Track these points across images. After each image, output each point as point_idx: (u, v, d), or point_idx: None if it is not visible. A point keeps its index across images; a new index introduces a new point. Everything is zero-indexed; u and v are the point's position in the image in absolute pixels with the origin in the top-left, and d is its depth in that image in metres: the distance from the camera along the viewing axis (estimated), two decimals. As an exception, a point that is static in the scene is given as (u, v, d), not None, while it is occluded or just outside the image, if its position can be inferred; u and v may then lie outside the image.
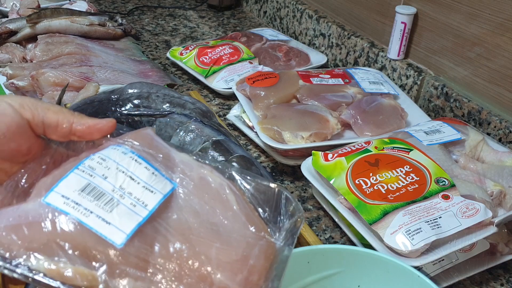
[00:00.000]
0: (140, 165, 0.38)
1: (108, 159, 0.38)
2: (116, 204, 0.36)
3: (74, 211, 0.35)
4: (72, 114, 0.40)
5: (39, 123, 0.39)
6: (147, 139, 0.41)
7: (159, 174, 0.39)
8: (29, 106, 0.39)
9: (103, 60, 1.03)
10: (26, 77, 0.90)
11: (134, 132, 0.42)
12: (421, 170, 0.65)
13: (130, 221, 0.35)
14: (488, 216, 0.59)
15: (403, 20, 0.94)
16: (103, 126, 0.41)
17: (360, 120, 0.83)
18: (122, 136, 0.41)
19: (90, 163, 0.38)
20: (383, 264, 0.52)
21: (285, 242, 0.40)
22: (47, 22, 1.08)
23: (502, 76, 0.81)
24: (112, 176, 0.37)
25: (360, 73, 0.97)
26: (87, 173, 0.37)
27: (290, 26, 1.29)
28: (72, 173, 0.37)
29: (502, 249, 0.63)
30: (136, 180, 0.38)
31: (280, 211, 0.42)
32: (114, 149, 0.39)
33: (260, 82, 0.91)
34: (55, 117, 0.39)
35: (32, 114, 0.38)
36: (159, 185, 0.38)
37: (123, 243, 0.35)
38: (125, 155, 0.39)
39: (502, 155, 0.72)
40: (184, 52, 1.11)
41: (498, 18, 0.80)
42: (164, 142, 0.42)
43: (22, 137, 0.38)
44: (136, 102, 0.70)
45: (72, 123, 0.40)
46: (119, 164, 0.38)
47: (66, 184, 0.36)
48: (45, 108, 0.39)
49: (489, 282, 0.64)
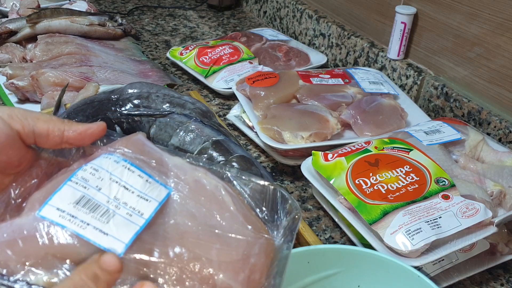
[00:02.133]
0: (133, 174, 0.38)
1: (101, 169, 0.38)
2: (112, 215, 0.36)
3: (70, 224, 0.35)
4: (62, 122, 0.40)
5: (30, 133, 0.38)
6: (138, 145, 0.41)
7: (153, 181, 0.38)
8: (19, 116, 0.38)
9: (103, 60, 1.03)
10: (26, 77, 0.90)
11: (125, 138, 0.41)
12: (421, 170, 0.65)
13: (128, 230, 0.35)
14: (488, 216, 0.59)
15: (403, 20, 0.94)
16: (94, 131, 0.40)
17: (360, 120, 0.83)
18: (113, 144, 0.41)
19: (83, 174, 0.37)
20: (383, 264, 0.52)
21: (284, 239, 0.40)
22: (47, 22, 1.08)
23: (502, 76, 0.81)
24: (106, 187, 0.37)
25: (360, 73, 0.97)
26: (80, 185, 0.37)
27: (290, 26, 1.29)
28: (65, 185, 0.36)
29: (502, 249, 0.63)
30: (130, 189, 0.37)
31: (277, 209, 0.42)
32: (106, 158, 0.39)
33: (260, 82, 0.91)
34: (45, 126, 0.39)
35: (22, 125, 0.38)
36: (154, 192, 0.38)
37: (123, 253, 0.34)
38: (118, 163, 0.38)
39: (502, 155, 0.72)
40: (184, 52, 1.11)
41: (498, 18, 0.80)
42: (156, 146, 0.42)
43: (12, 148, 0.38)
44: (136, 102, 0.70)
45: (63, 131, 0.39)
46: (112, 174, 0.38)
47: (60, 197, 0.36)
48: (34, 117, 0.38)
49: (489, 282, 0.64)
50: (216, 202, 0.39)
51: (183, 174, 0.40)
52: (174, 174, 0.40)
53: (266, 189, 0.42)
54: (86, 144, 0.41)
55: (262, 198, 0.42)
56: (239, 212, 0.39)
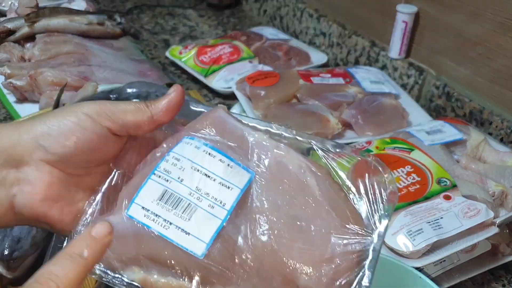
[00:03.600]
0: (214, 158, 0.37)
1: (182, 158, 0.37)
2: (194, 210, 0.35)
3: (154, 224, 0.35)
4: (147, 106, 0.39)
5: (120, 128, 0.38)
6: (219, 123, 0.39)
7: (235, 165, 0.37)
8: (107, 113, 0.38)
9: (101, 60, 1.02)
10: (25, 77, 0.90)
11: (206, 116, 0.40)
12: (422, 170, 0.65)
13: (210, 226, 0.35)
14: (490, 217, 0.59)
15: (404, 19, 0.93)
16: (176, 101, 0.40)
17: (361, 119, 0.83)
18: (194, 124, 0.40)
19: (165, 165, 0.37)
20: (384, 265, 0.51)
21: (377, 230, 0.36)
22: (46, 21, 1.07)
23: (504, 76, 0.81)
24: (188, 177, 0.36)
25: (361, 73, 0.96)
26: (163, 179, 0.37)
27: (290, 25, 1.29)
28: (149, 180, 0.37)
29: (504, 249, 0.63)
30: (212, 177, 0.37)
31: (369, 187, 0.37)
32: (187, 144, 0.38)
33: (260, 81, 0.90)
34: (134, 118, 0.38)
35: (111, 122, 0.38)
36: (236, 177, 0.37)
37: (204, 254, 0.34)
38: (198, 149, 0.38)
39: (504, 155, 0.72)
40: (184, 51, 1.10)
41: (500, 17, 0.79)
42: (237, 121, 0.40)
43: (106, 145, 0.38)
44: (135, 102, 0.69)
45: (152, 117, 0.39)
46: (193, 162, 0.37)
47: (145, 193, 0.36)
48: (122, 111, 0.38)
49: (490, 283, 0.64)
50: (299, 187, 0.37)
51: (265, 154, 0.38)
52: (256, 155, 0.38)
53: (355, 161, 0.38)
54: (173, 117, 0.40)
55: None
56: (325, 198, 0.36)
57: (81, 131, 0.37)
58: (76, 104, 0.39)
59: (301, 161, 0.38)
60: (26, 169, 0.37)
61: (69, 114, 0.37)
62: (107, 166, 0.40)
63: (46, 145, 0.36)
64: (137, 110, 0.39)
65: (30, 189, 0.37)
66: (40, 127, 0.37)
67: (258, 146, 0.38)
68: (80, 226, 0.38)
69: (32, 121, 0.37)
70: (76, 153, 0.37)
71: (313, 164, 0.38)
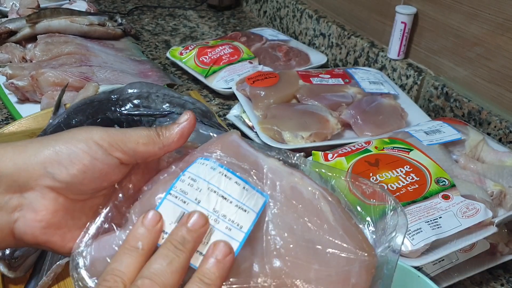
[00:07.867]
0: (230, 180, 0.37)
1: (198, 178, 0.37)
2: (212, 232, 0.35)
3: None
4: (158, 135, 0.39)
5: (131, 159, 0.38)
6: (233, 147, 0.39)
7: (250, 188, 0.37)
8: (118, 143, 0.37)
9: (102, 60, 1.02)
10: (26, 77, 0.90)
11: (220, 139, 0.40)
12: (421, 170, 0.65)
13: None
14: (488, 216, 0.59)
15: (403, 20, 0.94)
16: (188, 129, 0.39)
17: (360, 120, 0.83)
18: (207, 146, 0.39)
19: (181, 186, 0.36)
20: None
21: (388, 250, 0.37)
22: (47, 22, 1.08)
23: (502, 76, 0.81)
24: (205, 198, 0.36)
25: (360, 73, 0.97)
26: (180, 200, 0.36)
27: (290, 26, 1.29)
28: (165, 200, 0.36)
29: (502, 249, 0.63)
30: (228, 199, 0.36)
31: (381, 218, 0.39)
32: (203, 165, 0.37)
33: (260, 82, 0.91)
34: (145, 149, 0.38)
35: (122, 153, 0.37)
36: (251, 201, 0.36)
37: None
38: (214, 170, 0.37)
39: (502, 155, 0.72)
40: (184, 52, 1.10)
41: (498, 18, 0.80)
42: (250, 147, 0.40)
43: (114, 172, 0.38)
44: (136, 102, 0.70)
45: (163, 147, 0.39)
46: (209, 183, 0.36)
47: (162, 213, 0.35)
48: (134, 142, 0.38)
49: (489, 282, 0.64)
50: (314, 213, 0.37)
51: (279, 180, 0.38)
52: (270, 180, 0.38)
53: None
54: (183, 144, 0.40)
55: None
56: (338, 224, 0.37)
57: (91, 161, 0.36)
58: (85, 129, 0.38)
59: (315, 188, 0.38)
60: (30, 194, 0.36)
61: (79, 142, 0.36)
62: (111, 187, 0.39)
63: (54, 173, 0.35)
64: (149, 141, 0.38)
65: (33, 216, 0.36)
66: (48, 152, 0.36)
67: (271, 171, 0.39)
68: (83, 247, 0.37)
69: (39, 143, 0.36)
70: (84, 182, 0.36)
71: (326, 191, 0.39)
